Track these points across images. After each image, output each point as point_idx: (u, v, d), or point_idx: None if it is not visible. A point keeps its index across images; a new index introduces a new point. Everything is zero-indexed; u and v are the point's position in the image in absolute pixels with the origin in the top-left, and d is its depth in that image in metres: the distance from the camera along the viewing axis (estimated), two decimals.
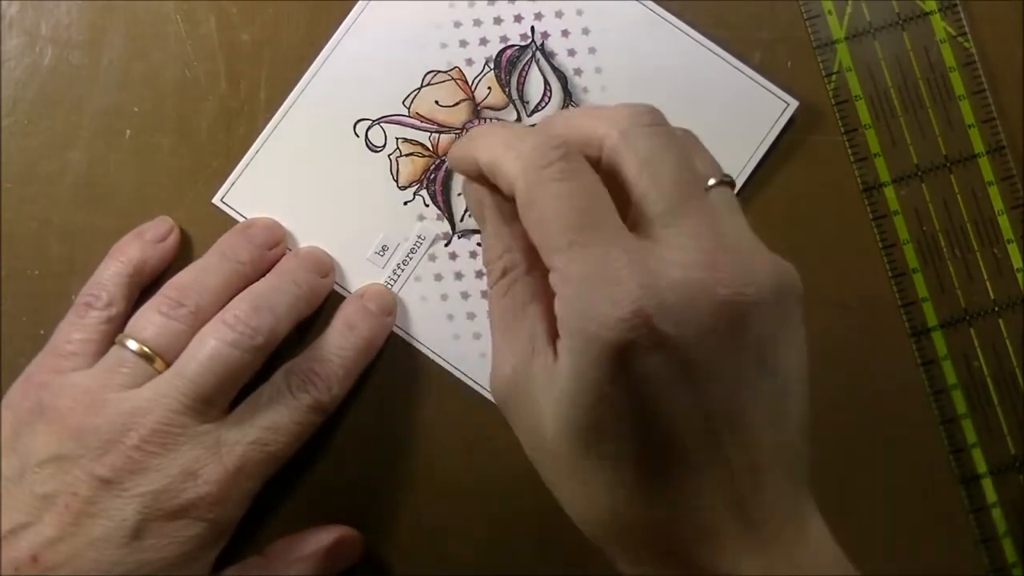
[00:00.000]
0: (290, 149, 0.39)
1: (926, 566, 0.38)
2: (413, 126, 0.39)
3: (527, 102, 0.39)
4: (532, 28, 0.39)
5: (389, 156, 0.39)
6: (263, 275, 0.37)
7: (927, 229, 0.39)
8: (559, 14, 0.39)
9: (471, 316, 0.38)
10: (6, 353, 0.38)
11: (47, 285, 0.38)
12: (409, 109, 0.39)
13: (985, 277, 0.39)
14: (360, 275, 0.39)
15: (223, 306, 0.35)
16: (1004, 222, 0.39)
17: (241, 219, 0.38)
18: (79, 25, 0.39)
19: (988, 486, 0.39)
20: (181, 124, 0.39)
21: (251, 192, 0.39)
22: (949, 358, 0.39)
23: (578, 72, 0.39)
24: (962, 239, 0.39)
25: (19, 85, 0.39)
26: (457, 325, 0.39)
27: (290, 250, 0.38)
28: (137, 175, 0.39)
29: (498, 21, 0.39)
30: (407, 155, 0.39)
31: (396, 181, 0.39)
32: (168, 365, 0.34)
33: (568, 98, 0.39)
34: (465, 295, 0.39)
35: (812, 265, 0.39)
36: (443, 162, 0.39)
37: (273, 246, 0.37)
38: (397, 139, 0.39)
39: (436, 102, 0.39)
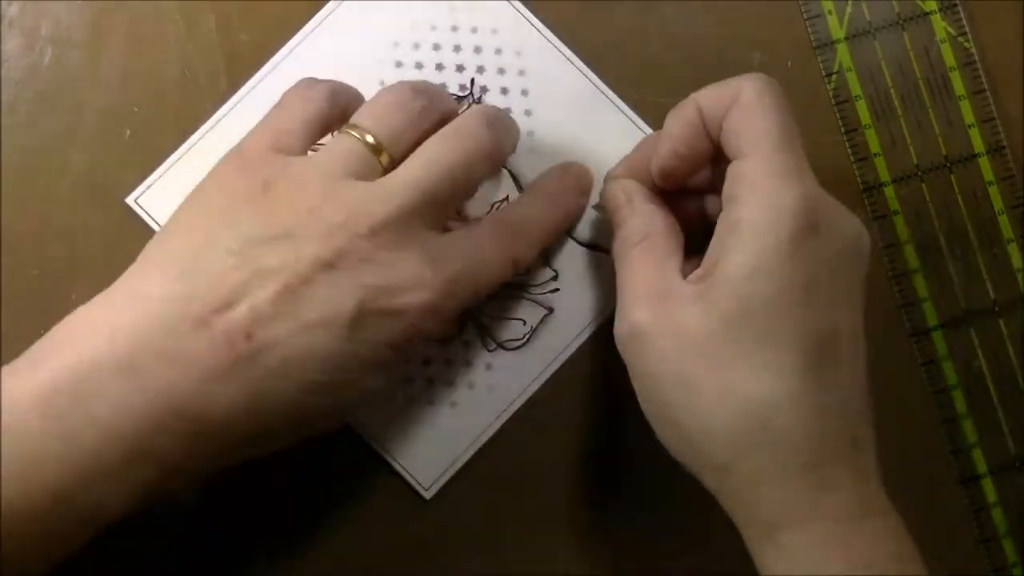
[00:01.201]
0: (216, 159, 0.38)
1: (926, 566, 0.38)
2: None
3: None
4: (472, 80, 0.39)
5: None
6: None
7: (927, 229, 0.39)
8: (502, 71, 0.39)
9: None
10: (6, 353, 0.38)
11: (47, 285, 0.38)
12: None
13: (985, 277, 0.39)
14: None
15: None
16: (1004, 222, 0.39)
17: (152, 223, 0.38)
18: (79, 25, 0.39)
19: (988, 486, 0.39)
20: (181, 124, 0.39)
21: (169, 197, 0.38)
22: (949, 358, 0.39)
23: None
24: (962, 239, 0.39)
25: (19, 85, 0.39)
26: None
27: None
28: (137, 175, 0.39)
29: (440, 67, 0.39)
30: None
31: None
32: (393, 161, 0.32)
33: None
34: None
35: None
36: None
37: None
38: None
39: None
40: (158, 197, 0.38)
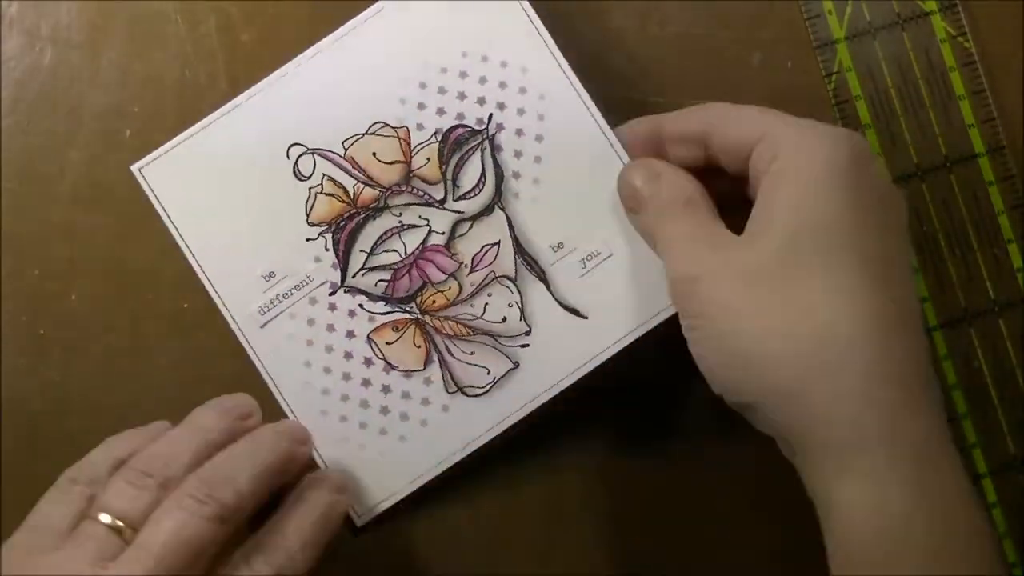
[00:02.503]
0: (224, 147, 0.38)
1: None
2: (344, 168, 0.38)
3: (458, 186, 0.38)
4: (490, 116, 0.38)
5: (310, 189, 0.38)
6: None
7: (927, 229, 0.39)
8: (521, 111, 0.38)
9: (327, 371, 0.37)
10: (6, 353, 0.38)
11: (47, 285, 0.38)
12: (346, 151, 0.38)
13: (985, 277, 0.39)
14: (238, 290, 0.37)
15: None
16: (1004, 222, 0.39)
17: (152, 197, 0.37)
18: (79, 25, 0.39)
19: (988, 486, 0.39)
20: (181, 124, 0.39)
21: (171, 173, 0.37)
22: (949, 358, 0.39)
23: (516, 175, 0.38)
24: (962, 239, 0.39)
25: (19, 85, 0.39)
26: (311, 374, 0.37)
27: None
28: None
29: (462, 96, 0.38)
30: (327, 194, 0.38)
31: (307, 216, 0.38)
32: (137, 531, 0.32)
33: (498, 196, 0.38)
34: (329, 348, 0.37)
35: None
36: (356, 213, 0.38)
37: (245, 417, 0.36)
38: (324, 175, 0.38)
39: (374, 154, 0.38)
40: (162, 172, 0.37)
